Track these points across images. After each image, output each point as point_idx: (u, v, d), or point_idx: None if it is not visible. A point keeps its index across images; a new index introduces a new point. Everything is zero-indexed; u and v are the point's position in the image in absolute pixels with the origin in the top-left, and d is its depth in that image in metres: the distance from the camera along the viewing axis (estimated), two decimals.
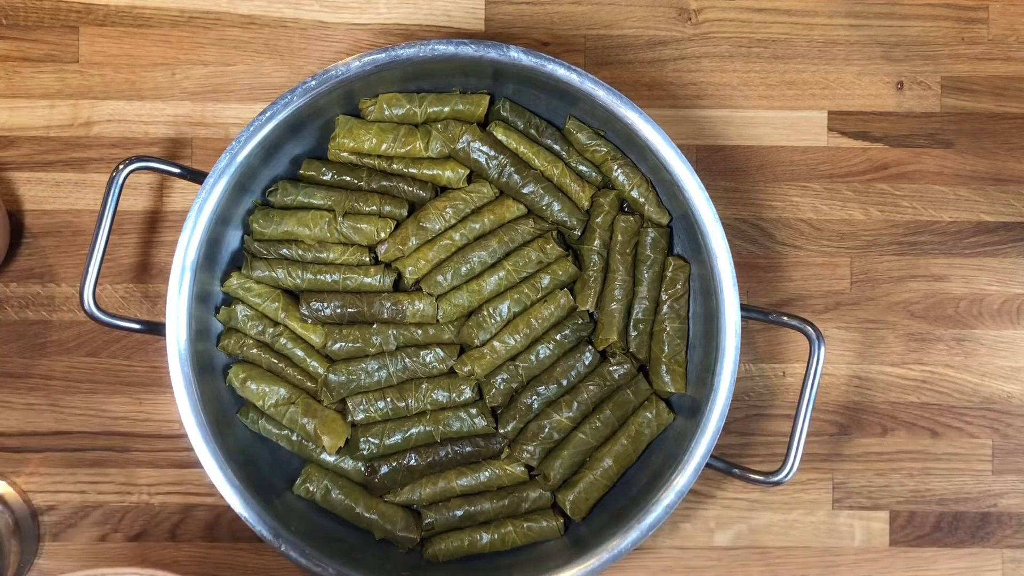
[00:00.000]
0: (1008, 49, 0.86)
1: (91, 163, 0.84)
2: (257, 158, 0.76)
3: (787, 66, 0.86)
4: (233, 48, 0.85)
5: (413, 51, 0.74)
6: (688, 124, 0.85)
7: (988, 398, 0.86)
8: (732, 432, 0.85)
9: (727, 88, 0.86)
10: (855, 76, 0.86)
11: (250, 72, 0.85)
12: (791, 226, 0.86)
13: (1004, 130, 0.86)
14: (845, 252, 0.86)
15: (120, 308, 0.85)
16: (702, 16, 0.86)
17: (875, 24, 0.86)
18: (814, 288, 0.86)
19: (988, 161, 0.86)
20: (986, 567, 0.86)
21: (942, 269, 0.86)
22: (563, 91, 0.76)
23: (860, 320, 0.86)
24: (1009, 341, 0.86)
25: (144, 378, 0.85)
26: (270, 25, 0.85)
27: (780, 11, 0.86)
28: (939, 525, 0.86)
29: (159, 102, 0.85)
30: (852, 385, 0.86)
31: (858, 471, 0.86)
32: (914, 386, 0.86)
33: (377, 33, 0.85)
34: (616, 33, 0.85)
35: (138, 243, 0.85)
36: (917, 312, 0.86)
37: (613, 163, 0.80)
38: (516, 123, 0.81)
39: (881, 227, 0.86)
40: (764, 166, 0.86)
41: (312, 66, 0.85)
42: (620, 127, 0.76)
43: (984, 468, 0.86)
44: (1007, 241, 0.86)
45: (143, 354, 0.85)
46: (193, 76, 0.85)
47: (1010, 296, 0.86)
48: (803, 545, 0.86)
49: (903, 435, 0.86)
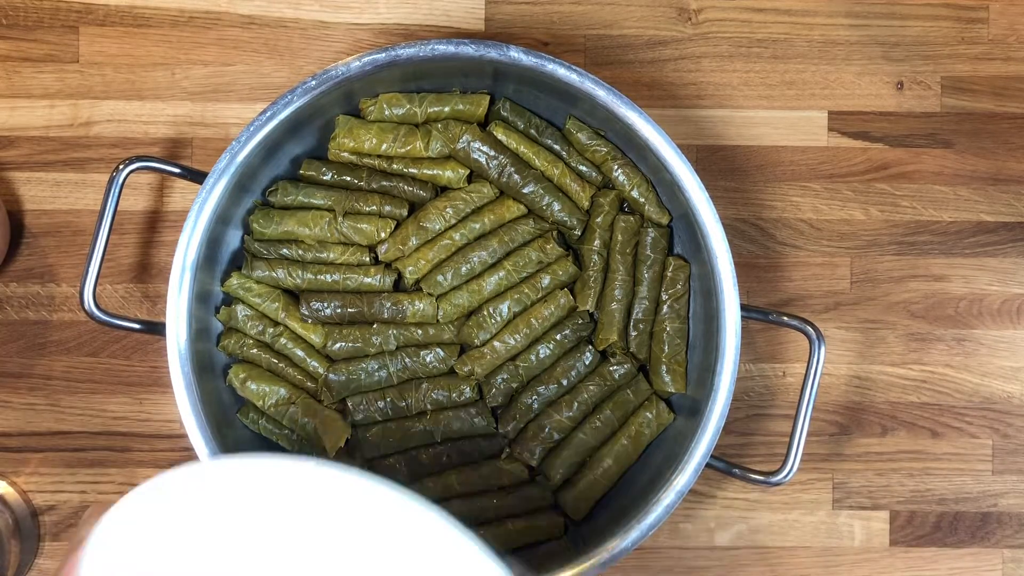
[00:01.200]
0: (1008, 49, 0.86)
1: (91, 163, 0.84)
2: (257, 158, 0.76)
3: (787, 66, 0.86)
4: (233, 48, 0.85)
5: (413, 51, 0.74)
6: (688, 124, 0.85)
7: (988, 398, 0.86)
8: (732, 432, 0.85)
9: (727, 88, 0.86)
10: (855, 76, 0.86)
11: (250, 72, 0.85)
12: (791, 226, 0.86)
13: (1004, 130, 0.86)
14: (845, 252, 0.86)
15: (120, 308, 0.85)
16: (702, 16, 0.86)
17: (875, 24, 0.86)
18: (814, 288, 0.86)
19: (988, 161, 0.86)
20: (986, 567, 0.86)
21: (942, 269, 0.86)
22: (563, 91, 0.76)
23: (860, 320, 0.86)
24: (1009, 341, 0.86)
25: (144, 378, 0.85)
26: (270, 25, 0.85)
27: (780, 11, 0.86)
28: (939, 525, 0.86)
29: (159, 102, 0.85)
30: (852, 385, 0.86)
31: (858, 471, 0.86)
32: (914, 386, 0.86)
33: (377, 33, 0.85)
34: (616, 33, 0.85)
35: (138, 243, 0.85)
36: (917, 312, 0.86)
37: (613, 163, 0.80)
38: (516, 123, 0.81)
39: (881, 227, 0.86)
40: (764, 166, 0.86)
41: (312, 66, 0.85)
42: (620, 127, 0.76)
43: (984, 468, 0.86)
44: (1007, 241, 0.86)
45: (143, 354, 0.85)
46: (193, 76, 0.85)
47: (1010, 296, 0.86)
48: (803, 545, 0.86)
49: (903, 435, 0.86)
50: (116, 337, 0.85)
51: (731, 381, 0.75)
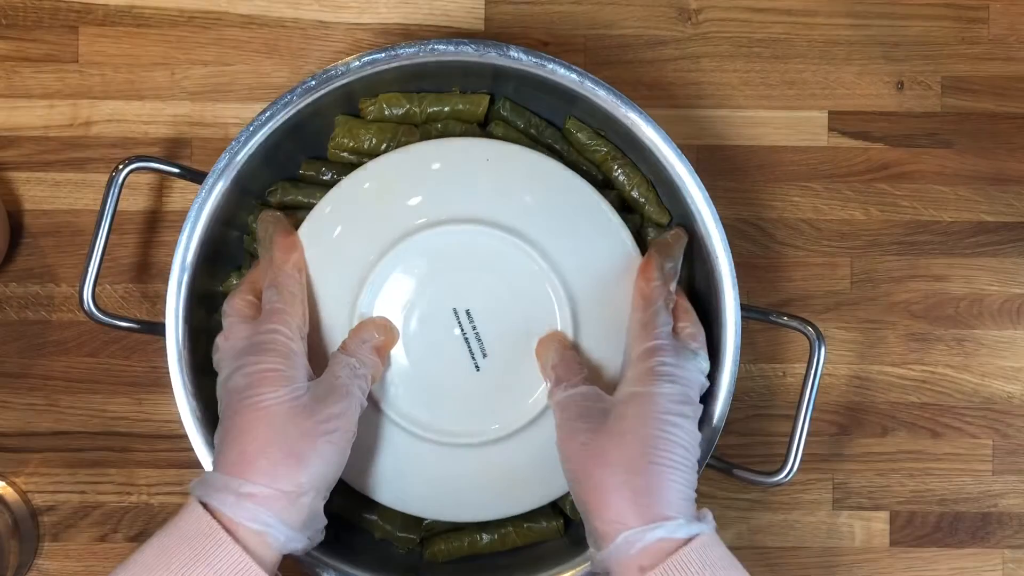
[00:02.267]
0: (1008, 49, 0.86)
1: (91, 163, 0.84)
2: (257, 158, 0.76)
3: (787, 66, 0.86)
4: (233, 48, 0.85)
5: (413, 51, 0.74)
6: (688, 124, 0.85)
7: (988, 398, 0.86)
8: (732, 432, 0.85)
9: (727, 88, 0.86)
10: (855, 76, 0.86)
11: (250, 72, 0.85)
12: (791, 226, 0.86)
13: (1004, 130, 0.86)
14: (845, 252, 0.86)
15: (120, 308, 0.85)
16: (702, 16, 0.86)
17: (875, 24, 0.86)
18: (814, 288, 0.86)
19: (988, 161, 0.86)
20: (986, 567, 0.86)
21: (942, 269, 0.86)
22: (563, 91, 0.76)
23: (860, 320, 0.86)
24: (1009, 341, 0.86)
25: (144, 378, 0.85)
26: (270, 25, 0.85)
27: (780, 11, 0.86)
28: (939, 525, 0.86)
29: (159, 102, 0.85)
30: (852, 385, 0.86)
31: (858, 471, 0.86)
32: (914, 386, 0.86)
33: (377, 33, 0.85)
34: (616, 33, 0.85)
35: (138, 243, 0.85)
36: (917, 312, 0.86)
37: (613, 163, 0.80)
38: (516, 123, 0.81)
39: (881, 227, 0.86)
40: (764, 166, 0.86)
41: (312, 66, 0.85)
42: (620, 127, 0.76)
43: (984, 468, 0.86)
44: (1007, 241, 0.86)
45: (143, 354, 0.85)
46: (193, 76, 0.85)
47: (1010, 296, 0.86)
48: (803, 545, 0.86)
49: (903, 435, 0.86)
50: (116, 337, 0.84)
51: (731, 381, 0.75)
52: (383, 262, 0.72)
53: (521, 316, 0.73)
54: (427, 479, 0.75)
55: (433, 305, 0.73)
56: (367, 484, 0.75)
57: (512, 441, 0.74)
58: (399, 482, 0.75)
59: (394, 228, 0.73)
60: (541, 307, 0.73)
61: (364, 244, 0.73)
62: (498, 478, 0.75)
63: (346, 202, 0.74)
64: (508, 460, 0.74)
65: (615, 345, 0.73)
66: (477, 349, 0.73)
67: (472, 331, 0.73)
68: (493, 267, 0.72)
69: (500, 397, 0.73)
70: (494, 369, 0.73)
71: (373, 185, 0.74)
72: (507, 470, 0.74)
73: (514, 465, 0.74)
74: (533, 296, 0.73)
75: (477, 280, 0.73)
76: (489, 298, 0.73)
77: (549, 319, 0.73)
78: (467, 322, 0.72)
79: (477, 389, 0.73)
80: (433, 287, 0.73)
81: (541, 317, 0.73)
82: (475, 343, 0.73)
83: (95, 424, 0.84)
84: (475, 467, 0.74)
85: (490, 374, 0.73)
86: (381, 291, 0.73)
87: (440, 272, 0.73)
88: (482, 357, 0.73)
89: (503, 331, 0.73)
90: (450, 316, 0.73)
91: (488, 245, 0.72)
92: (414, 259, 0.72)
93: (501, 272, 0.73)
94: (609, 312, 0.73)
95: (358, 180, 0.74)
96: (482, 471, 0.74)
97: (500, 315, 0.73)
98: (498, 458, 0.74)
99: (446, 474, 0.74)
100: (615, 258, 0.74)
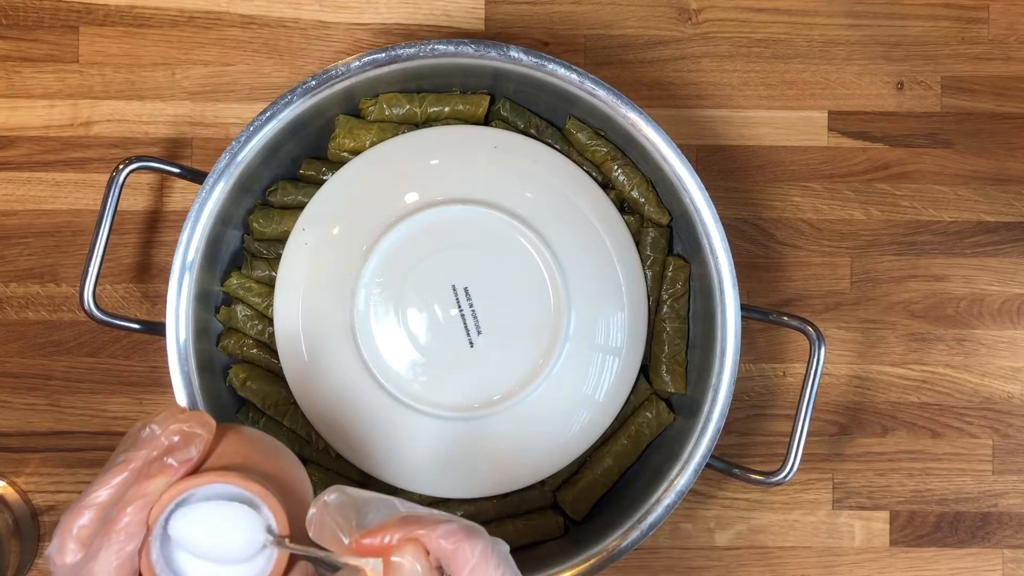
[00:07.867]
0: (1008, 49, 0.86)
1: (91, 163, 0.84)
2: (257, 158, 0.76)
3: (787, 66, 0.86)
4: (233, 48, 0.85)
5: (413, 51, 0.74)
6: (688, 124, 0.85)
7: (988, 398, 0.86)
8: (732, 432, 0.85)
9: (727, 88, 0.86)
10: (855, 76, 0.86)
11: (250, 72, 0.85)
12: (791, 226, 0.86)
13: (1004, 130, 0.86)
14: (845, 252, 0.86)
15: (120, 308, 0.85)
16: (702, 16, 0.86)
17: (875, 24, 0.86)
18: (814, 288, 0.86)
19: (988, 161, 0.86)
20: (986, 567, 0.86)
21: (942, 269, 0.86)
22: (563, 91, 0.76)
23: (860, 320, 0.86)
24: (1009, 341, 0.86)
25: (144, 378, 0.85)
26: (270, 25, 0.85)
27: (780, 11, 0.86)
28: (939, 525, 0.86)
29: (159, 102, 0.85)
30: (852, 385, 0.86)
31: (858, 471, 0.86)
32: (914, 386, 0.86)
33: (377, 33, 0.85)
34: (616, 33, 0.85)
35: (138, 243, 0.85)
36: (917, 312, 0.86)
37: (613, 163, 0.80)
38: (516, 123, 0.81)
39: (881, 227, 0.86)
40: (764, 166, 0.86)
41: (312, 66, 0.85)
42: (620, 127, 0.76)
43: (984, 468, 0.86)
44: (1007, 241, 0.86)
45: (143, 354, 0.85)
46: (193, 76, 0.85)
47: (1010, 296, 0.86)
48: (803, 545, 0.86)
49: (903, 435, 0.86)
50: (116, 337, 0.84)
51: (731, 381, 0.75)
52: (389, 235, 0.75)
53: (516, 297, 0.76)
54: (422, 453, 0.77)
55: (433, 281, 0.75)
56: (363, 458, 0.78)
57: (501, 416, 0.76)
58: (396, 458, 0.77)
59: (396, 210, 0.76)
60: (537, 290, 0.76)
61: (373, 217, 0.76)
62: (490, 453, 0.77)
63: (351, 184, 0.77)
64: (499, 435, 0.76)
65: (606, 329, 0.77)
66: (472, 326, 0.75)
67: (469, 308, 0.75)
68: (493, 247, 0.76)
69: (491, 374, 0.76)
70: (487, 345, 0.76)
71: (377, 168, 0.78)
72: (498, 445, 0.77)
73: (504, 441, 0.77)
74: (529, 278, 0.76)
75: (477, 259, 0.75)
76: (487, 277, 0.76)
77: (543, 301, 0.76)
78: (465, 299, 0.75)
79: (470, 365, 0.76)
80: (434, 263, 0.75)
81: (535, 299, 0.76)
82: (471, 320, 0.75)
83: (95, 424, 0.84)
84: (467, 441, 0.77)
85: (483, 351, 0.75)
86: (384, 262, 0.75)
87: (441, 250, 0.76)
88: (476, 334, 0.75)
89: (498, 309, 0.76)
90: (449, 293, 0.75)
91: (490, 226, 0.75)
92: (419, 236, 0.75)
93: (500, 253, 0.76)
94: (602, 301, 0.77)
95: (365, 161, 0.78)
96: (474, 445, 0.77)
97: (496, 294, 0.76)
98: (489, 432, 0.76)
99: (441, 449, 0.77)
100: (611, 250, 0.78)
